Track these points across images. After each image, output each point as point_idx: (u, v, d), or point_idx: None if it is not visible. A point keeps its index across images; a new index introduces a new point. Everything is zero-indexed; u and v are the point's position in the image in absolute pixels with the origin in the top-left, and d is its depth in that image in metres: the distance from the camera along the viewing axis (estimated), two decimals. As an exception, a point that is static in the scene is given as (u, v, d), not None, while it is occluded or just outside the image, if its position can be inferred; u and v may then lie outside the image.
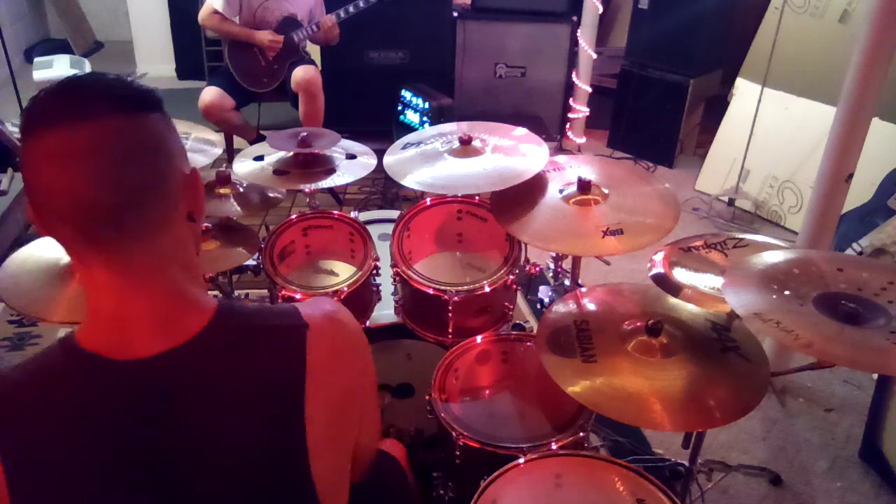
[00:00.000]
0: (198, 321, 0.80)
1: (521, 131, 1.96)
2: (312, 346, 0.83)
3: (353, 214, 2.03)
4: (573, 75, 4.15)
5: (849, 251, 2.80)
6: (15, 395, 0.77)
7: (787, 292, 1.32)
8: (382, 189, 3.54)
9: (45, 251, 1.71)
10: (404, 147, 1.96)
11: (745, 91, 3.69)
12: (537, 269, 1.95)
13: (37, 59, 4.03)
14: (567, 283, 1.91)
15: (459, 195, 1.93)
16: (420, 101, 3.63)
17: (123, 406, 0.77)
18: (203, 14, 3.41)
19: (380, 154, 2.01)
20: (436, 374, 1.65)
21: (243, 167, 2.00)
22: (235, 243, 1.91)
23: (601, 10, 3.98)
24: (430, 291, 1.77)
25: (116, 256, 0.77)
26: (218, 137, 3.02)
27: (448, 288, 1.76)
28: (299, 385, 0.81)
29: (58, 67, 3.93)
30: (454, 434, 1.50)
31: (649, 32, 3.95)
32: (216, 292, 2.07)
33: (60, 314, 1.59)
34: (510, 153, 1.85)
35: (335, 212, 2.06)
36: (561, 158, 1.89)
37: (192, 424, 0.78)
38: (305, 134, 2.04)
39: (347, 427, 0.90)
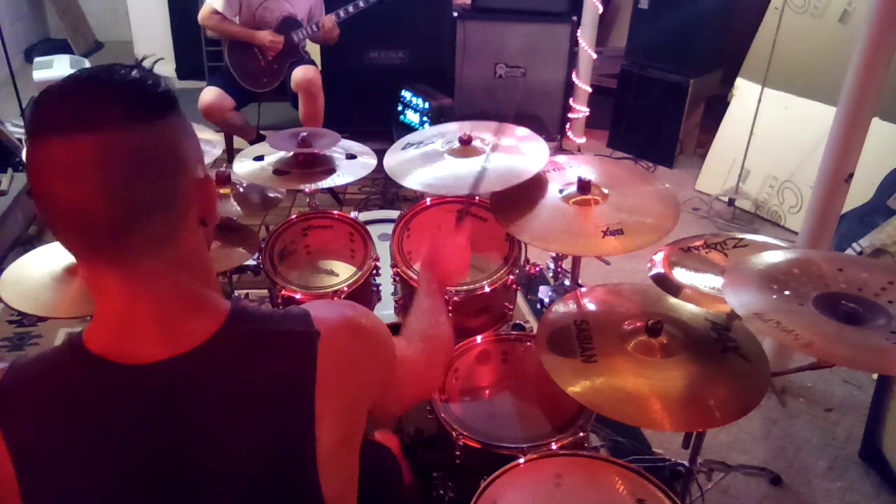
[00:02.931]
0: (207, 326, 0.79)
1: (522, 131, 1.96)
2: (323, 353, 0.81)
3: (353, 214, 2.03)
4: (573, 75, 4.15)
5: (849, 251, 2.80)
6: (26, 391, 0.78)
7: (787, 292, 1.32)
8: (382, 189, 3.54)
9: (47, 258, 1.72)
10: (404, 147, 1.96)
11: (745, 91, 3.69)
12: (537, 269, 1.95)
13: (37, 59, 4.03)
14: (567, 283, 1.91)
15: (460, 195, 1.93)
16: (420, 101, 3.63)
17: (128, 409, 0.77)
18: (203, 14, 3.41)
19: (380, 154, 2.01)
20: (436, 374, 1.65)
21: (243, 167, 2.00)
22: (235, 243, 1.91)
23: (601, 10, 3.98)
24: (431, 291, 1.77)
25: (123, 266, 0.76)
26: (218, 138, 3.03)
27: (448, 288, 1.76)
28: (308, 393, 0.79)
29: (58, 67, 3.92)
30: (454, 434, 1.50)
31: (649, 32, 3.95)
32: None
33: (63, 312, 1.60)
34: (510, 153, 1.85)
35: (335, 212, 2.06)
36: (561, 158, 1.89)
37: (195, 429, 0.77)
38: (305, 134, 2.05)
39: (359, 426, 0.89)
